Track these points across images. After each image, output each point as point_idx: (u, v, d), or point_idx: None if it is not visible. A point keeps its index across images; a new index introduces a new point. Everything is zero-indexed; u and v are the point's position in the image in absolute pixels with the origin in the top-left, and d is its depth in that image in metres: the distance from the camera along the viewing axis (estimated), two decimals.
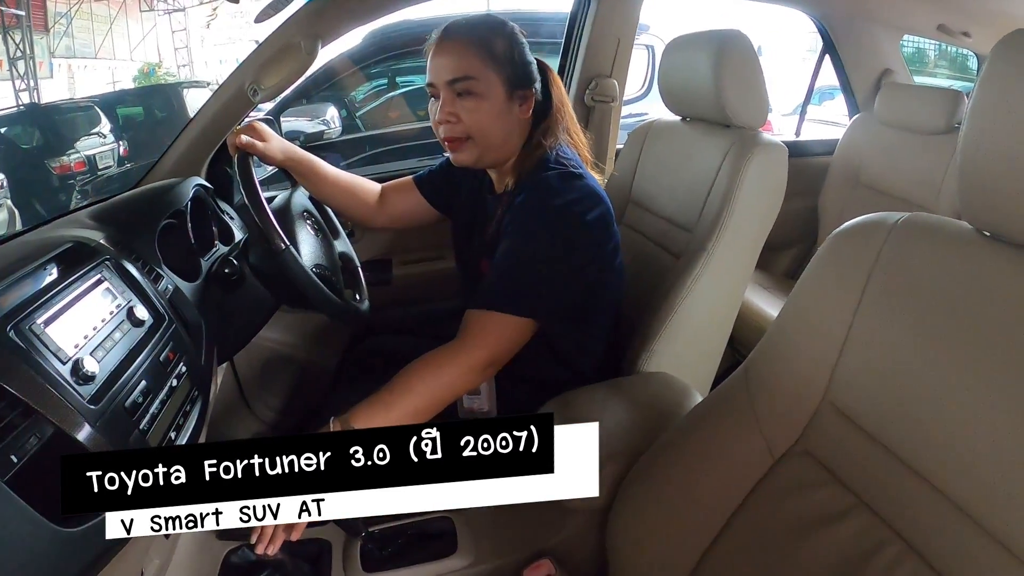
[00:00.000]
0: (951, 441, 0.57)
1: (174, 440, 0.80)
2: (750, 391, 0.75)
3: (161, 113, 5.69)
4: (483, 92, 1.02)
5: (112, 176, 4.59)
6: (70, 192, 4.42)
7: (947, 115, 1.93)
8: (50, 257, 0.83)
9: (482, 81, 1.02)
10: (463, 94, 1.02)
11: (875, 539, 0.61)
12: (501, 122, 1.05)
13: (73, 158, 4.48)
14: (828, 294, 0.69)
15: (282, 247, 0.96)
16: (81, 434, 0.66)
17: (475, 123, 1.03)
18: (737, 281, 1.27)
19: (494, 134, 1.05)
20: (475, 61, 1.02)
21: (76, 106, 5.35)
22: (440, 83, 1.03)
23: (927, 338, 0.60)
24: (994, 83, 0.55)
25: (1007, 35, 0.56)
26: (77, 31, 7.69)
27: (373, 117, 3.56)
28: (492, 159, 1.09)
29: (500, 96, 1.04)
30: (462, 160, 1.08)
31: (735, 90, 1.27)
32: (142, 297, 0.89)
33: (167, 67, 9.52)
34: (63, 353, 0.71)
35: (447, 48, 1.03)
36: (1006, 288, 0.56)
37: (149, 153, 5.26)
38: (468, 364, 0.95)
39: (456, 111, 1.03)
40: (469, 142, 1.05)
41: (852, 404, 0.66)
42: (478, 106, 1.03)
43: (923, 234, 0.64)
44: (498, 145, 1.07)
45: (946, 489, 0.57)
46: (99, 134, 4.79)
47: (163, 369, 0.83)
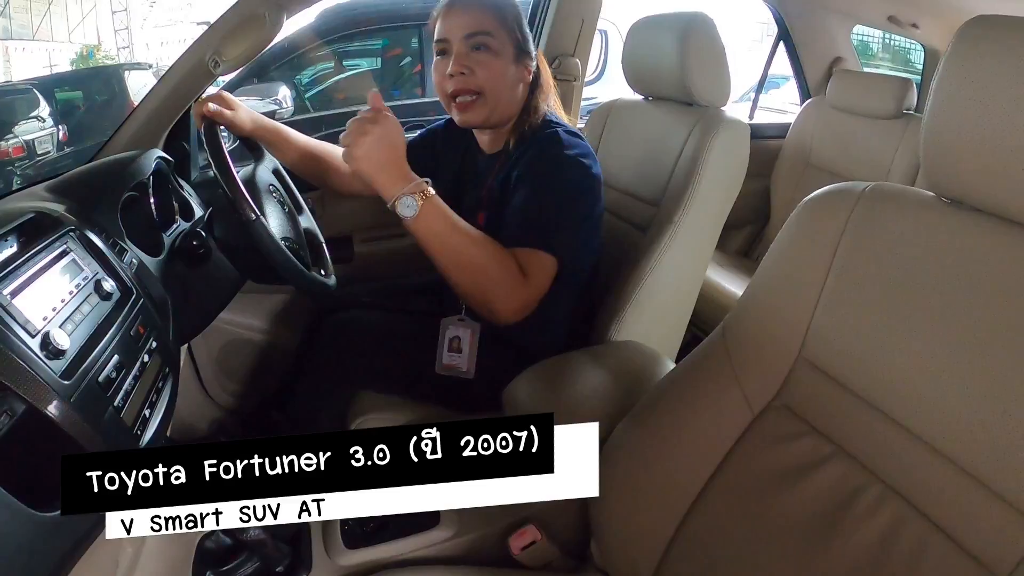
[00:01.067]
0: (920, 387, 0.61)
1: (148, 418, 0.78)
2: (728, 350, 0.78)
3: (101, 97, 5.44)
4: (497, 49, 1.08)
5: (51, 161, 4.36)
6: (8, 178, 4.18)
7: (896, 101, 2.02)
8: (11, 228, 0.78)
9: (496, 38, 1.08)
10: (479, 48, 1.07)
11: (856, 483, 0.65)
12: (509, 82, 1.11)
13: (11, 143, 4.24)
14: (802, 257, 0.73)
15: (252, 217, 0.94)
16: (55, 410, 0.63)
17: (488, 78, 1.08)
18: (702, 253, 1.31)
19: (503, 92, 1.10)
20: (492, 19, 1.08)
21: (14, 88, 5.07)
22: (456, 38, 1.07)
23: (894, 294, 0.64)
24: (956, 64, 0.59)
25: (969, 20, 0.60)
26: (14, 11, 7.28)
27: (321, 98, 3.51)
28: (497, 119, 1.13)
29: (510, 56, 1.10)
30: (470, 120, 1.11)
31: (700, 70, 1.31)
32: (108, 270, 0.85)
33: (107, 49, 9.09)
34: (31, 326, 0.67)
35: (465, 4, 1.08)
36: (965, 247, 0.61)
37: (89, 138, 5.03)
38: (520, 300, 0.98)
39: (470, 64, 1.07)
40: (479, 99, 1.09)
41: (826, 358, 0.70)
42: (492, 61, 1.08)
43: (889, 200, 0.69)
44: (504, 104, 1.11)
45: (919, 431, 0.61)
46: (38, 118, 4.54)
47: (134, 344, 0.80)
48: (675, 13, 1.36)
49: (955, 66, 0.59)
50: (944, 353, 0.60)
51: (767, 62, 2.50)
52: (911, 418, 0.61)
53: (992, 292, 0.58)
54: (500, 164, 1.15)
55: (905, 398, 0.62)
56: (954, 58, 0.59)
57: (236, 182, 0.95)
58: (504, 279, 0.97)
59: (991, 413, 0.55)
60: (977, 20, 0.59)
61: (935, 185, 0.65)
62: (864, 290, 0.67)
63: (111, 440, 0.69)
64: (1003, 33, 0.56)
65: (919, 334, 0.62)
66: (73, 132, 4.86)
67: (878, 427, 0.64)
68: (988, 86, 0.56)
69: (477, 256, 0.96)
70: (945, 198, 0.65)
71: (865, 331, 0.66)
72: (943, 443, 0.59)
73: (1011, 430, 0.54)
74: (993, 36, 0.57)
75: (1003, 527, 0.54)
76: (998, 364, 0.56)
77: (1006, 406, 0.55)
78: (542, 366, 1.04)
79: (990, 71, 0.56)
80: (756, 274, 0.79)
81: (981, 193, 0.60)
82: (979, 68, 0.57)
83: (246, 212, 0.94)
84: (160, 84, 1.33)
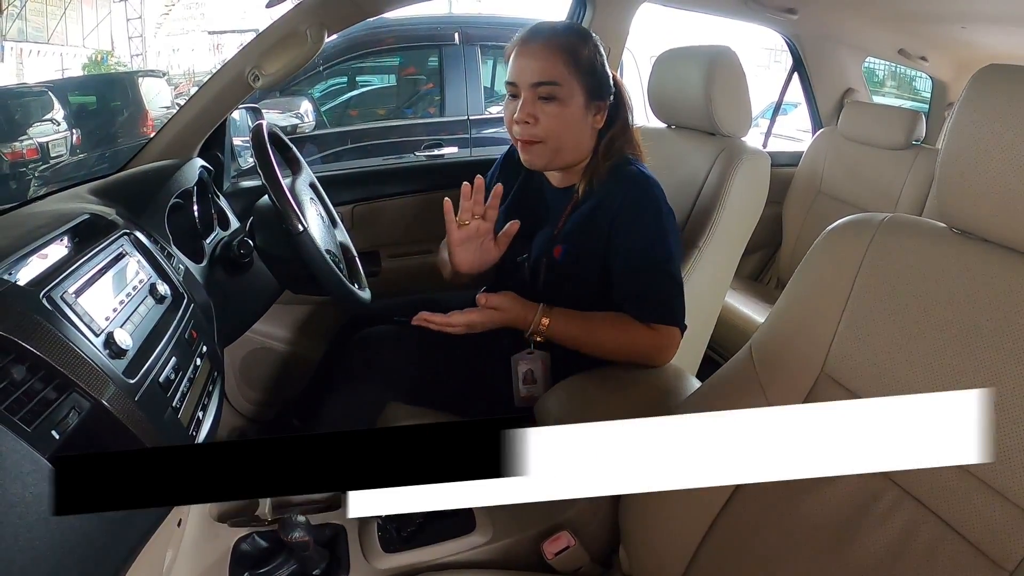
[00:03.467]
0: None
1: (201, 419, 0.80)
2: (756, 365, 0.83)
3: (115, 102, 5.48)
4: (565, 98, 1.06)
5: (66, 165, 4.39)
6: (21, 180, 4.21)
7: (906, 133, 2.07)
8: (67, 228, 0.81)
9: (565, 88, 1.05)
10: (546, 98, 1.06)
11: (874, 488, 0.69)
12: (576, 129, 1.09)
13: (26, 144, 4.27)
14: (824, 281, 0.78)
15: (300, 229, 0.97)
16: (121, 409, 0.65)
17: (552, 128, 1.07)
18: (723, 276, 1.35)
19: (567, 139, 1.09)
20: (561, 68, 1.05)
21: (30, 91, 5.11)
22: (524, 84, 1.06)
23: (909, 316, 0.70)
24: (970, 109, 0.65)
25: (983, 68, 0.66)
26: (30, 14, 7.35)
27: (338, 113, 3.54)
28: (560, 162, 1.13)
29: (580, 104, 1.08)
30: (533, 162, 1.11)
31: (723, 102, 1.36)
32: (161, 274, 0.88)
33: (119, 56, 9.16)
34: (96, 325, 0.69)
35: (534, 51, 1.06)
36: (974, 275, 0.66)
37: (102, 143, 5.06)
38: (650, 361, 1.10)
39: (536, 113, 1.06)
40: (540, 145, 1.08)
41: (847, 374, 0.74)
42: (559, 112, 1.06)
43: (905, 231, 0.74)
44: (569, 150, 1.11)
45: None
46: (52, 121, 4.57)
47: (188, 347, 0.83)
48: (701, 46, 1.42)
49: (969, 111, 0.65)
50: (953, 370, 0.65)
51: (781, 93, 2.55)
52: None
53: (999, 317, 0.63)
54: (574, 202, 1.14)
55: None
56: (968, 103, 0.65)
57: (286, 194, 0.98)
58: (642, 351, 1.09)
59: (1001, 424, 0.60)
60: (990, 68, 0.65)
61: (948, 217, 0.70)
62: (882, 312, 0.72)
63: (171, 440, 0.71)
64: (1014, 81, 0.63)
65: (932, 353, 0.67)
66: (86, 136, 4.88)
67: None
68: (999, 130, 0.62)
69: (610, 339, 1.08)
70: (956, 229, 0.71)
71: (882, 349, 0.71)
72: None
73: (1016, 439, 0.59)
74: (1005, 83, 0.63)
75: (1009, 524, 0.59)
76: (1005, 381, 0.61)
77: (1014, 417, 0.60)
78: (573, 381, 1.07)
79: (1001, 116, 0.62)
80: (782, 296, 0.84)
81: (991, 225, 0.66)
82: (991, 113, 0.63)
83: (295, 224, 0.97)
84: (199, 94, 1.36)
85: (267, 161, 1.02)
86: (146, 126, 5.28)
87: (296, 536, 0.80)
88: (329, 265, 1.00)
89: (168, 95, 5.90)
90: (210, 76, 1.37)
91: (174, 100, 5.82)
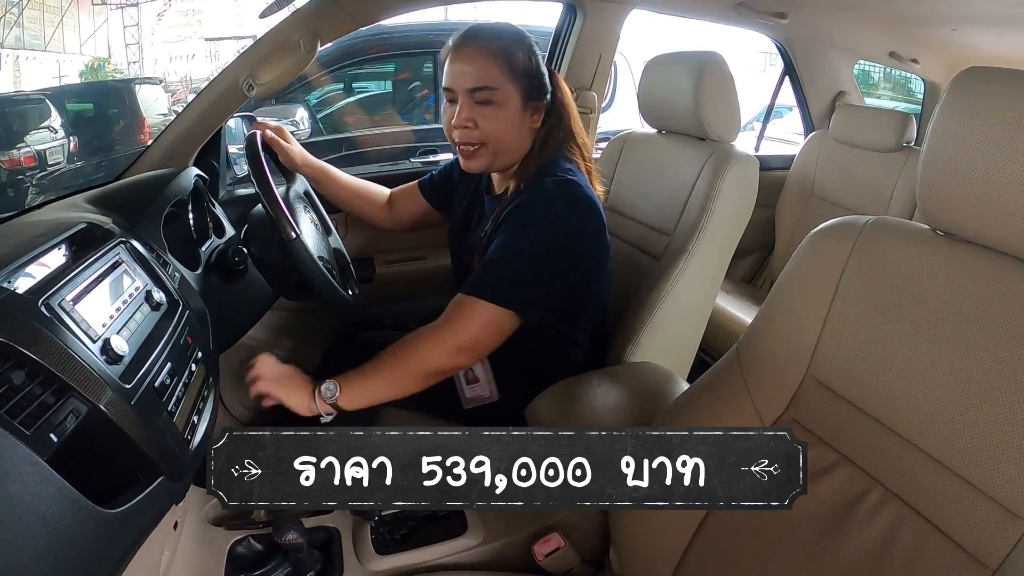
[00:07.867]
0: (916, 400, 0.67)
1: (196, 424, 0.81)
2: (742, 368, 0.84)
3: (112, 110, 5.50)
4: (501, 102, 1.07)
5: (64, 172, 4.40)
6: (19, 187, 4.23)
7: (897, 135, 2.10)
8: (65, 237, 0.82)
9: (502, 91, 1.06)
10: (483, 103, 1.06)
11: (859, 487, 0.71)
12: (515, 131, 1.10)
13: (23, 152, 4.29)
14: (809, 284, 0.79)
15: (293, 236, 0.99)
16: (118, 413, 0.66)
17: (491, 131, 1.08)
18: (713, 279, 1.36)
19: (507, 142, 1.10)
20: (496, 72, 1.06)
21: (27, 98, 5.13)
22: (460, 89, 1.07)
23: (893, 318, 0.71)
24: (950, 111, 0.66)
25: (962, 72, 0.67)
26: (28, 21, 7.37)
27: (333, 120, 3.56)
28: (501, 164, 1.14)
29: (516, 106, 1.08)
30: (473, 167, 1.12)
31: (713, 107, 1.37)
32: (156, 281, 0.89)
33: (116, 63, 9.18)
34: (93, 331, 0.70)
35: (469, 56, 1.06)
36: (956, 276, 0.67)
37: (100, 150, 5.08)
38: (446, 345, 1.01)
39: (473, 117, 1.07)
40: (482, 149, 1.09)
41: (832, 377, 0.75)
42: (496, 115, 1.07)
43: (888, 233, 0.75)
44: (509, 152, 1.12)
45: (915, 439, 0.67)
46: (49, 128, 4.59)
47: (183, 353, 0.84)
48: (690, 52, 1.43)
49: (949, 113, 0.66)
50: (938, 371, 0.66)
51: (772, 96, 2.56)
52: (909, 428, 0.67)
53: (981, 317, 0.64)
54: (501, 207, 1.13)
55: (903, 411, 0.68)
56: (948, 105, 0.66)
57: (279, 202, 1.00)
58: (430, 355, 1.02)
59: (982, 423, 0.62)
60: (971, 71, 0.66)
61: (931, 219, 0.72)
62: (866, 314, 0.73)
63: (166, 444, 0.72)
64: (993, 84, 0.64)
65: (916, 355, 0.68)
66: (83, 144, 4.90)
67: (879, 437, 0.70)
68: (979, 131, 0.63)
69: (401, 372, 1.02)
70: (939, 231, 0.72)
71: (867, 351, 0.72)
72: (937, 450, 0.65)
73: (996, 437, 0.60)
74: (984, 86, 0.64)
75: (992, 522, 0.60)
76: (986, 380, 0.62)
77: (993, 416, 0.61)
78: (563, 385, 1.09)
79: (981, 118, 0.63)
80: (768, 299, 0.85)
81: (972, 227, 0.67)
82: (971, 115, 0.64)
83: (287, 231, 0.98)
84: (194, 103, 1.38)
85: (260, 170, 1.04)
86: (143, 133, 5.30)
87: (290, 539, 0.82)
88: (322, 271, 1.02)
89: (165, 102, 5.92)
90: (205, 85, 1.39)
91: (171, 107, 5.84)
